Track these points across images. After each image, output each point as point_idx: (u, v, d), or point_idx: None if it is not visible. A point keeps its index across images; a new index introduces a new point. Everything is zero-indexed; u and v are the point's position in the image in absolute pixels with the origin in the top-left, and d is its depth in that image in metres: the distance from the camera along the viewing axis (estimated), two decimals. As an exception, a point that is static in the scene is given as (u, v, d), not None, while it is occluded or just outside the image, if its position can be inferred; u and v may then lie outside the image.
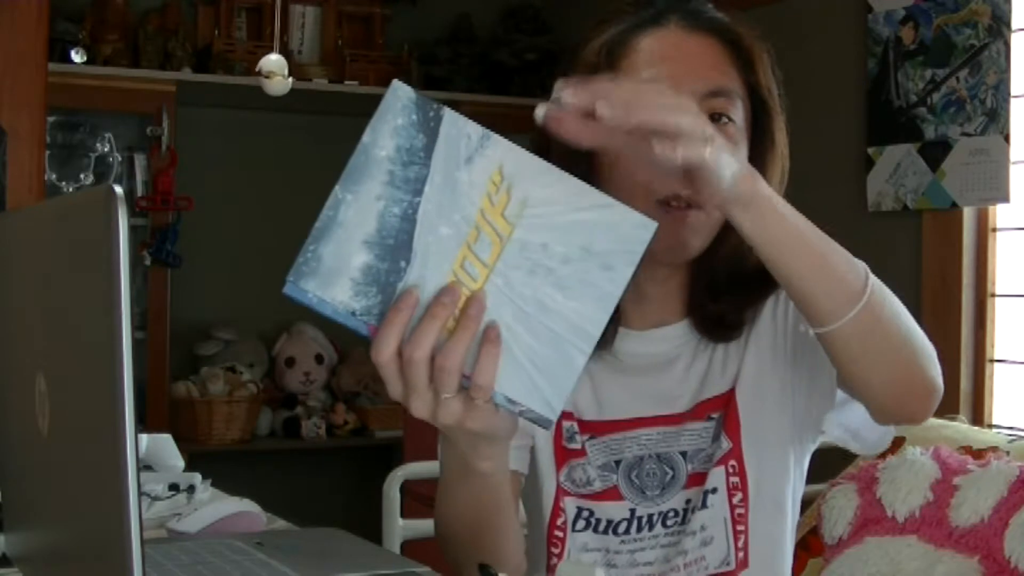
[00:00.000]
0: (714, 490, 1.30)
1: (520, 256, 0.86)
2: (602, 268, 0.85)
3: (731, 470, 1.30)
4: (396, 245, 0.85)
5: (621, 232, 0.86)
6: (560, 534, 1.34)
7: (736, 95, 1.27)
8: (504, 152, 0.86)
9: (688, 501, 1.31)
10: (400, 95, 0.87)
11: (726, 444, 1.30)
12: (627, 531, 1.32)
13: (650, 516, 1.32)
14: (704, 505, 1.30)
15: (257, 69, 2.50)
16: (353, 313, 0.87)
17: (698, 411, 1.32)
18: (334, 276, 0.87)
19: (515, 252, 0.85)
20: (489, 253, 0.85)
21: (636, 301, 1.34)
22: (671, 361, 1.34)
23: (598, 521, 1.33)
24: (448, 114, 0.86)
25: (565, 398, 0.87)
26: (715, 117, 1.25)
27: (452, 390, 0.88)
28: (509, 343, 0.86)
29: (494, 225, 0.85)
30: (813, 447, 1.36)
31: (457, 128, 0.86)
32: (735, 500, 1.30)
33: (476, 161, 0.85)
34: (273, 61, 2.48)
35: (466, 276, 0.86)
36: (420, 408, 0.90)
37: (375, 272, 0.86)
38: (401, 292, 0.86)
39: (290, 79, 2.49)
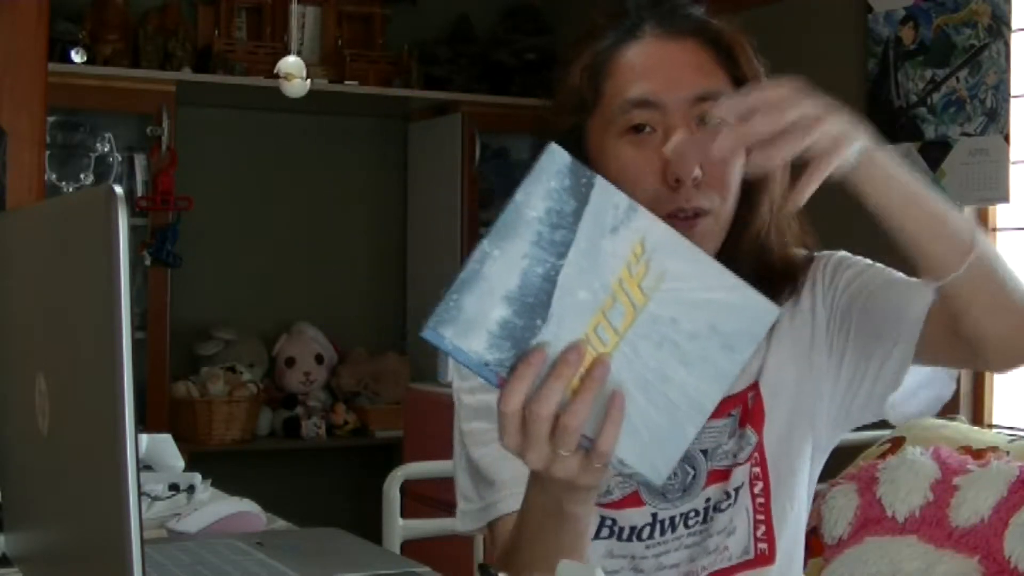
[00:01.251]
0: (740, 487, 1.31)
1: (651, 327, 0.90)
2: (724, 348, 0.90)
3: (753, 460, 1.31)
4: (535, 304, 0.89)
5: (747, 315, 0.91)
6: None
7: (723, 95, 1.24)
8: (648, 225, 0.89)
9: (708, 500, 1.31)
10: (556, 159, 0.88)
11: (753, 438, 1.31)
12: (651, 536, 1.32)
13: (672, 519, 1.32)
14: (729, 500, 1.31)
15: (275, 71, 2.50)
16: (486, 364, 0.89)
17: (719, 409, 1.31)
18: (473, 327, 0.89)
19: (646, 323, 0.90)
20: (622, 321, 0.89)
21: None
22: None
23: (621, 529, 1.33)
24: (599, 182, 0.89)
25: (672, 466, 0.92)
26: (706, 121, 1.24)
27: (571, 448, 0.91)
28: (628, 409, 0.91)
29: (630, 295, 0.89)
30: (841, 435, 1.37)
31: (606, 197, 0.89)
32: (756, 490, 1.31)
33: (620, 232, 0.89)
34: (291, 63, 2.47)
35: (597, 340, 0.90)
36: (536, 461, 0.93)
37: (511, 327, 0.89)
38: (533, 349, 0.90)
39: (308, 81, 2.49)
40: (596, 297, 0.89)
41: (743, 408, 1.32)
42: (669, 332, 0.90)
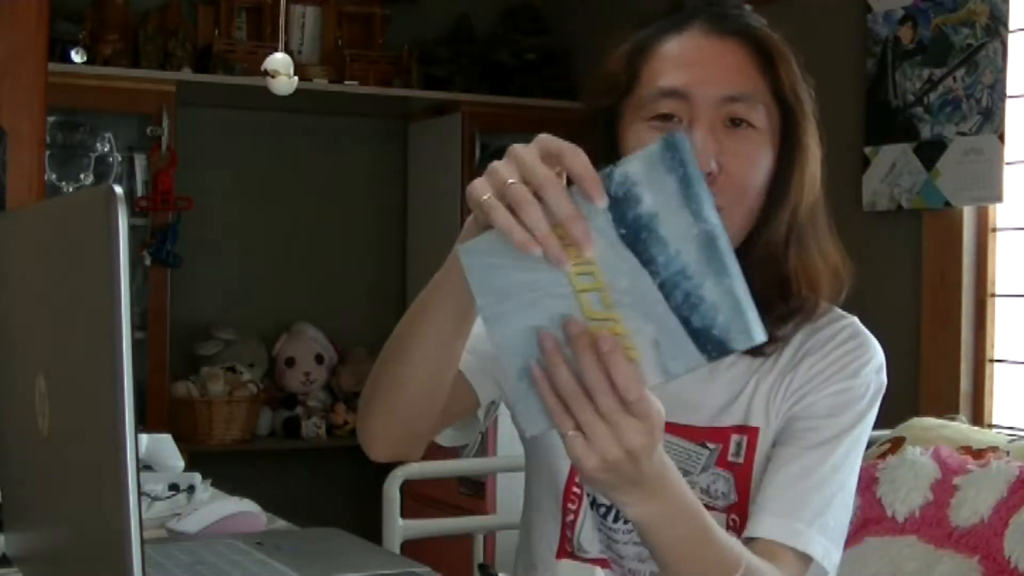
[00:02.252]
0: None
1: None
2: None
3: (732, 523, 1.28)
4: (639, 240, 0.90)
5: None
6: (578, 491, 1.33)
7: (757, 100, 1.25)
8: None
9: None
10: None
11: (731, 493, 1.28)
12: (605, 516, 1.32)
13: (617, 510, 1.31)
14: None
15: (262, 68, 2.49)
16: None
17: (702, 434, 1.29)
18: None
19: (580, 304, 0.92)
20: (585, 286, 0.92)
21: None
22: None
23: (595, 500, 1.33)
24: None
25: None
26: (735, 122, 1.24)
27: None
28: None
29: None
30: None
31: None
32: None
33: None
34: (278, 60, 2.47)
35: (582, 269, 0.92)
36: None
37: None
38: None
39: (295, 78, 2.48)
40: (616, 286, 0.91)
41: (723, 448, 1.29)
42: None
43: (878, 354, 1.30)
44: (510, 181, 0.93)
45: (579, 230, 0.89)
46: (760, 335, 0.89)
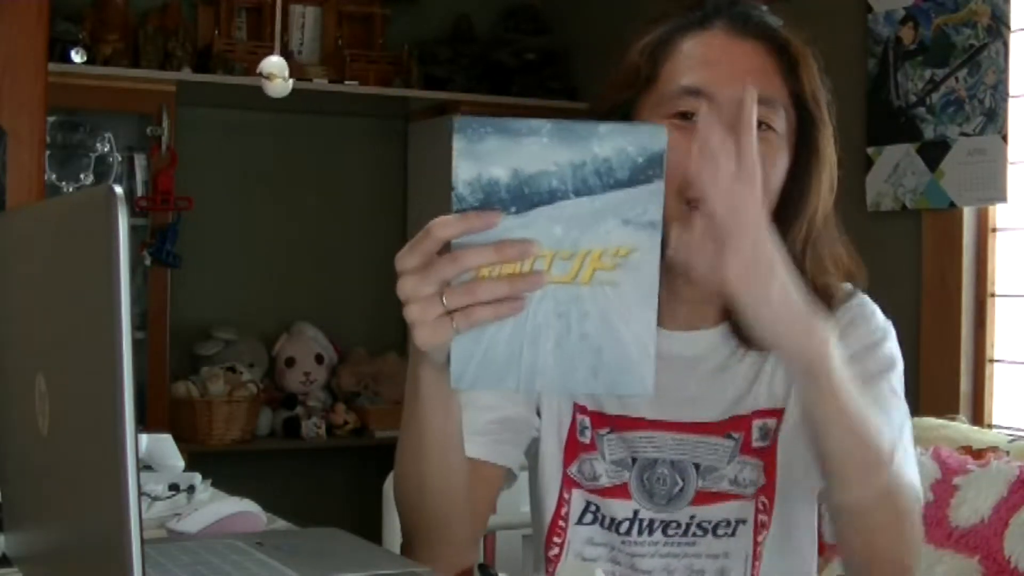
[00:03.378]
0: (743, 521, 1.30)
1: (568, 299, 0.94)
2: (588, 369, 0.95)
3: (761, 507, 1.29)
4: (525, 195, 0.92)
5: (620, 375, 0.95)
6: (563, 524, 1.34)
7: (778, 103, 1.25)
8: (649, 248, 0.93)
9: (692, 517, 1.30)
10: (656, 137, 0.92)
11: (760, 478, 1.29)
12: (628, 532, 1.32)
13: (651, 521, 1.31)
14: (727, 529, 1.29)
15: (258, 71, 2.49)
16: (453, 187, 0.92)
17: (724, 426, 1.30)
18: (477, 156, 0.91)
19: (568, 294, 0.93)
20: (558, 274, 0.93)
21: (668, 300, 1.31)
22: (694, 366, 1.31)
23: (604, 517, 1.33)
24: (658, 185, 0.92)
25: (471, 385, 0.96)
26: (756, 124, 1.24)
27: (439, 285, 0.94)
28: (488, 327, 0.95)
29: (583, 268, 0.93)
30: None
31: (649, 198, 0.92)
32: (760, 538, 1.29)
33: (629, 228, 0.92)
34: (273, 63, 2.47)
35: (528, 265, 0.93)
36: (412, 287, 0.95)
37: (493, 190, 0.92)
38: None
39: (290, 81, 2.48)
40: (562, 241, 0.92)
41: (745, 436, 1.29)
42: (574, 317, 0.94)
43: (878, 309, 1.35)
44: (429, 292, 0.95)
45: (513, 252, 0.92)
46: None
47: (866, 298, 1.34)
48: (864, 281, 1.34)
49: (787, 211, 1.27)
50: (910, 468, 1.21)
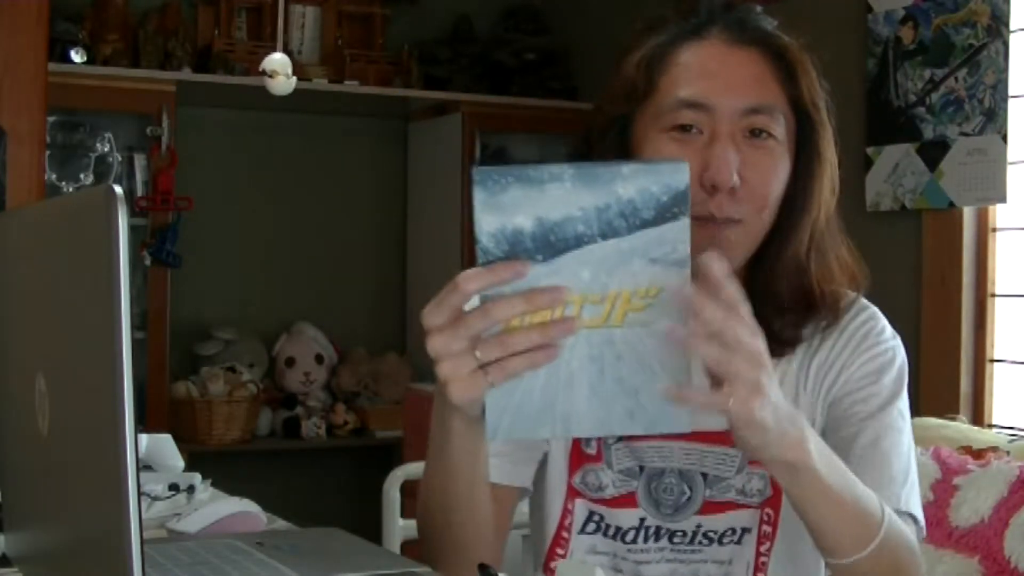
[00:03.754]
0: (748, 530, 1.29)
1: (601, 343, 0.93)
2: (625, 409, 0.94)
3: (766, 517, 1.29)
4: (551, 243, 0.91)
5: (656, 419, 0.95)
6: (567, 535, 1.34)
7: (778, 111, 1.24)
8: (678, 285, 0.92)
9: (699, 526, 1.30)
10: (678, 175, 0.91)
11: (767, 489, 1.29)
12: (634, 540, 1.32)
13: (658, 528, 1.31)
14: (733, 537, 1.30)
15: (260, 68, 2.49)
16: (478, 241, 0.91)
17: (722, 436, 1.30)
18: (500, 208, 0.90)
19: (602, 338, 0.93)
20: (589, 319, 0.92)
21: None
22: None
23: (608, 527, 1.33)
24: (684, 223, 0.91)
25: (508, 437, 0.96)
26: (755, 132, 1.23)
27: (472, 339, 0.92)
28: (526, 375, 0.94)
29: (614, 310, 0.92)
30: None
31: (676, 235, 0.91)
32: (763, 548, 1.29)
33: (656, 268, 0.91)
34: (276, 60, 2.47)
35: (561, 310, 0.92)
36: (441, 343, 0.93)
37: (519, 240, 0.91)
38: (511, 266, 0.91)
39: (293, 78, 2.48)
40: (591, 285, 0.91)
41: None
42: (607, 360, 0.93)
43: (886, 322, 1.33)
44: (460, 347, 0.93)
45: (544, 300, 0.90)
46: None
47: (875, 311, 1.33)
48: (867, 281, 1.34)
49: (791, 216, 1.27)
50: (913, 497, 1.23)
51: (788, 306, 1.28)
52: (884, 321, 1.33)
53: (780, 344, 1.28)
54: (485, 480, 1.19)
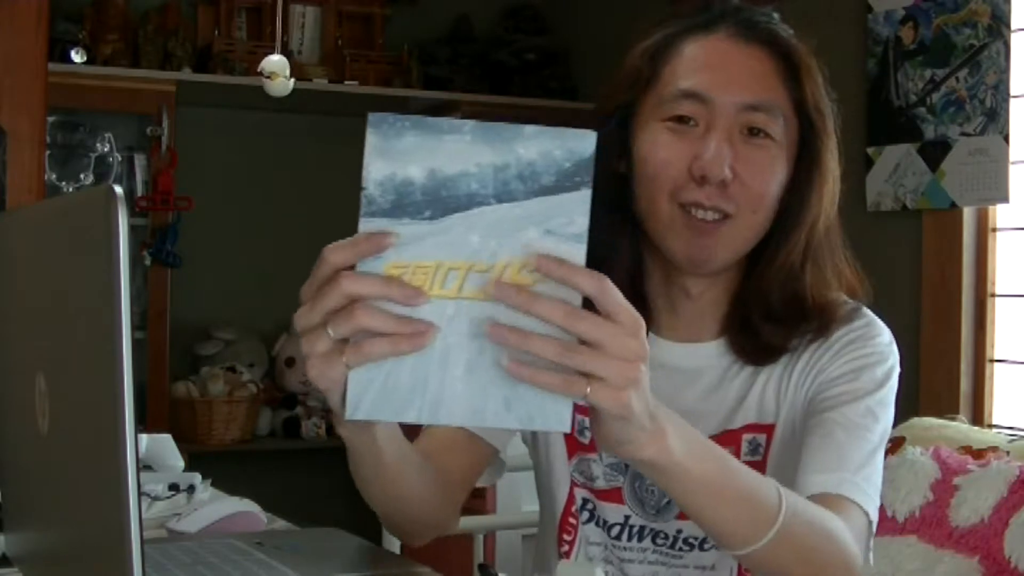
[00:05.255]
0: None
1: (481, 317, 0.84)
2: (503, 398, 0.85)
3: None
4: (442, 199, 0.83)
5: (535, 407, 0.85)
6: (574, 521, 1.34)
7: (778, 111, 1.23)
8: (571, 258, 0.84)
9: (680, 531, 1.29)
10: (584, 143, 0.85)
11: None
12: (619, 537, 1.32)
13: (642, 528, 1.31)
14: (712, 542, 1.28)
15: (259, 70, 2.49)
16: (363, 187, 0.84)
17: (717, 440, 1.30)
18: (392, 154, 0.85)
19: (483, 311, 0.84)
20: (471, 289, 0.84)
21: (667, 312, 1.31)
22: (694, 380, 1.30)
23: (599, 517, 1.33)
24: (584, 194, 0.84)
25: (370, 418, 0.86)
26: (753, 131, 1.22)
27: (329, 311, 0.85)
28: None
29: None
30: None
31: (575, 207, 0.84)
32: None
33: (548, 241, 0.84)
34: (275, 62, 2.47)
35: (441, 277, 0.84)
36: (306, 321, 0.87)
37: (406, 191, 0.84)
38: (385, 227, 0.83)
39: (292, 80, 2.48)
40: (479, 252, 0.84)
41: (735, 451, 1.27)
42: (487, 339, 0.84)
43: (886, 330, 1.31)
44: (315, 322, 0.86)
45: (399, 294, 0.83)
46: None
47: (873, 318, 1.31)
48: (868, 294, 1.32)
49: (786, 222, 1.26)
50: (864, 486, 1.18)
51: (778, 315, 1.27)
52: (882, 329, 1.30)
53: (767, 352, 1.28)
54: (408, 469, 1.14)
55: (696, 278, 1.28)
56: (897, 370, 1.29)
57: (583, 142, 0.84)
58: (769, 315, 1.27)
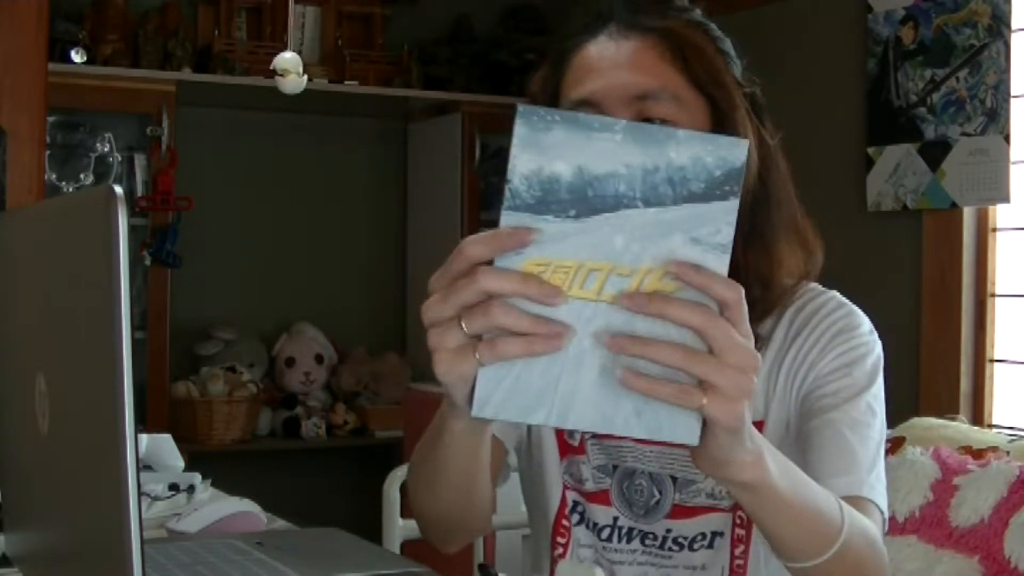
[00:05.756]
0: (720, 534, 1.28)
1: (619, 326, 0.83)
2: (634, 409, 0.83)
3: (739, 521, 1.28)
4: (587, 198, 0.82)
5: (668, 426, 0.84)
6: (567, 524, 1.34)
7: (669, 95, 1.20)
8: (714, 268, 0.82)
9: (669, 531, 1.29)
10: (738, 151, 0.82)
11: None
12: (608, 538, 1.32)
13: (630, 530, 1.31)
14: (703, 542, 1.29)
15: (271, 67, 2.49)
16: (508, 181, 0.82)
17: None
18: (537, 145, 0.82)
19: (621, 318, 0.82)
20: (612, 292, 0.82)
21: None
22: None
23: (588, 519, 1.33)
24: (732, 204, 0.82)
25: (495, 417, 0.84)
26: (652, 121, 1.19)
27: (464, 307, 0.83)
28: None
29: (640, 288, 0.82)
30: None
31: (723, 216, 0.82)
32: (737, 551, 1.28)
33: (693, 250, 0.82)
34: (287, 59, 2.46)
35: (581, 278, 0.82)
36: (435, 312, 0.85)
37: (551, 188, 0.81)
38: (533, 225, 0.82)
39: (304, 77, 2.48)
40: (622, 255, 0.82)
41: None
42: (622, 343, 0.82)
43: (866, 319, 1.29)
44: (448, 315, 0.84)
45: (536, 292, 0.81)
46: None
47: (850, 305, 1.30)
48: (821, 250, 1.29)
49: (753, 212, 1.23)
50: (879, 487, 1.19)
51: (759, 307, 1.24)
52: (861, 317, 1.29)
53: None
54: (483, 477, 1.15)
55: None
56: (882, 358, 1.28)
57: (735, 150, 0.82)
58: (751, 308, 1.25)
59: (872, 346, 1.28)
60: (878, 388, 1.26)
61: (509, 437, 1.33)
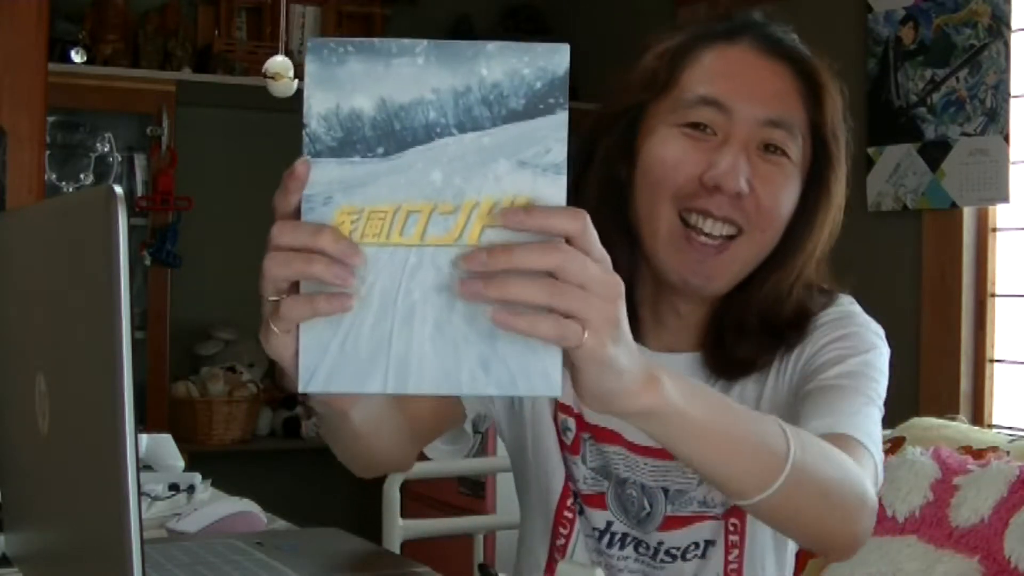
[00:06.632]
0: (712, 543, 1.27)
1: (449, 272, 0.74)
2: (480, 359, 0.74)
3: (732, 528, 1.27)
4: (396, 132, 0.74)
5: (520, 367, 0.74)
6: (569, 515, 1.33)
7: (796, 130, 1.20)
8: (554, 195, 0.74)
9: (661, 543, 1.28)
10: (558, 57, 0.73)
11: (729, 499, 1.27)
12: (600, 541, 1.31)
13: (624, 535, 1.30)
14: (696, 551, 1.27)
15: (263, 71, 2.49)
16: (305, 124, 0.75)
17: None
18: (336, 83, 0.74)
19: (451, 260, 0.74)
20: (437, 235, 0.74)
21: (653, 322, 1.28)
22: None
23: (587, 523, 1.32)
24: (562, 116, 0.74)
25: (323, 391, 0.76)
26: (770, 148, 1.19)
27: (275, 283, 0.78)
28: (349, 314, 0.76)
29: (469, 224, 0.74)
30: None
31: (553, 132, 0.73)
32: (731, 557, 1.27)
33: (526, 173, 0.74)
34: (278, 63, 2.47)
35: (399, 225, 0.74)
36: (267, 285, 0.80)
37: (355, 125, 0.74)
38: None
39: (296, 80, 2.49)
40: (442, 191, 0.74)
41: None
42: (457, 291, 0.73)
43: (866, 316, 1.27)
44: (271, 298, 0.78)
45: (330, 244, 0.75)
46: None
47: (855, 310, 1.27)
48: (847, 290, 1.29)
49: (786, 246, 1.23)
50: (864, 426, 1.12)
51: (752, 333, 1.24)
52: (858, 309, 1.27)
53: (738, 368, 1.25)
54: (383, 430, 1.08)
55: (688, 300, 1.25)
56: (884, 342, 1.25)
57: (555, 57, 0.73)
58: (742, 332, 1.23)
59: (864, 325, 1.25)
60: (873, 358, 1.21)
61: (469, 401, 1.29)
